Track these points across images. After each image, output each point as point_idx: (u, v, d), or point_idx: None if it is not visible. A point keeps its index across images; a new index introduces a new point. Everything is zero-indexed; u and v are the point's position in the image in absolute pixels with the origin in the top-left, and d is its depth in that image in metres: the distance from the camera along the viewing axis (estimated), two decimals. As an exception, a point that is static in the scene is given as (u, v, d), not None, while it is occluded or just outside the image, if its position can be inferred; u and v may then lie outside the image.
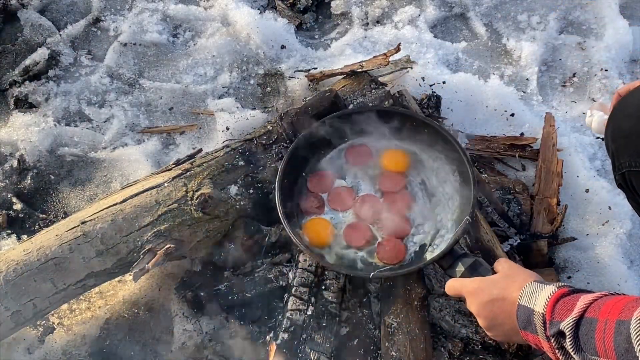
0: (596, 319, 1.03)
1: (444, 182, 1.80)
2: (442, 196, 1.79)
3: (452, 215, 1.74)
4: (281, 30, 2.44)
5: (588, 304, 1.06)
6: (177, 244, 1.70)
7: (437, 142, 1.81)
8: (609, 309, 1.03)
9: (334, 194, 1.81)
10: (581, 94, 2.35)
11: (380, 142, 1.87)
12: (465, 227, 1.62)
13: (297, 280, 1.70)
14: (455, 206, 1.76)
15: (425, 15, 2.52)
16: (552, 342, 1.10)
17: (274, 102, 2.28)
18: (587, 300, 1.07)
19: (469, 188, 1.69)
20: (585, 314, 1.05)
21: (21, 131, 2.19)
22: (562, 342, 1.08)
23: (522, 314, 1.17)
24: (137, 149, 2.16)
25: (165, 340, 1.78)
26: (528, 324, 1.15)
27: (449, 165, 1.80)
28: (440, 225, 1.75)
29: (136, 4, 2.53)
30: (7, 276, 1.62)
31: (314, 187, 1.82)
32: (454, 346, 1.71)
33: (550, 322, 1.10)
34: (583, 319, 1.05)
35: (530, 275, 1.27)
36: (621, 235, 1.94)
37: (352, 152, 1.87)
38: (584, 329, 1.04)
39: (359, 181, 1.84)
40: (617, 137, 1.41)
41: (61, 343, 1.78)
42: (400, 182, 1.82)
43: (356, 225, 1.76)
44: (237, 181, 1.81)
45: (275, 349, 1.60)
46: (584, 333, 1.04)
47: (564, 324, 1.06)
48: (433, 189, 1.81)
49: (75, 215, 1.76)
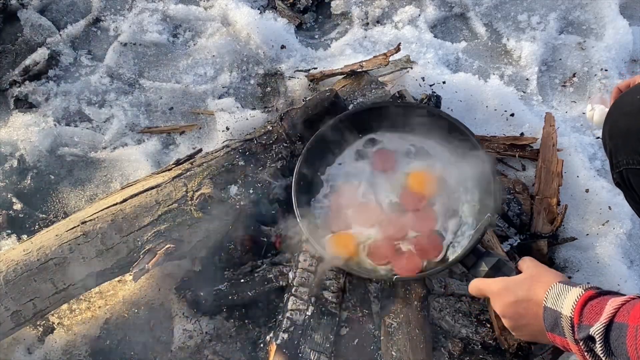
0: (626, 324, 1.02)
1: (464, 179, 1.79)
2: (462, 192, 1.78)
3: (473, 211, 1.73)
4: (281, 30, 2.44)
5: (617, 309, 1.04)
6: (177, 244, 1.70)
7: (454, 137, 1.81)
8: (638, 313, 1.01)
9: (358, 211, 1.77)
10: (581, 94, 2.35)
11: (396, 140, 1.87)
12: (487, 224, 1.60)
13: (297, 280, 1.70)
14: (475, 201, 1.74)
15: (425, 15, 2.52)
16: (581, 345, 1.09)
17: (274, 102, 2.28)
18: (616, 304, 1.05)
19: (490, 183, 1.68)
20: (615, 318, 1.04)
21: (21, 131, 2.19)
22: (592, 345, 1.07)
23: (549, 317, 1.15)
24: (137, 149, 2.16)
25: (165, 340, 1.78)
26: (555, 327, 1.14)
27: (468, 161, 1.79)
28: (462, 221, 1.74)
29: (136, 4, 2.53)
30: (7, 276, 1.62)
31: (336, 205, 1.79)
32: (454, 346, 1.71)
33: (578, 326, 1.09)
34: (613, 324, 1.03)
35: (555, 276, 1.24)
36: (621, 235, 1.94)
37: (377, 156, 1.86)
38: (614, 334, 1.03)
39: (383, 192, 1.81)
40: (614, 135, 1.41)
41: (61, 343, 1.78)
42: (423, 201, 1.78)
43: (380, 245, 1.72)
44: (237, 181, 1.81)
45: (275, 349, 1.60)
46: (614, 339, 1.03)
47: (594, 330, 1.05)
48: (453, 186, 1.80)
49: (75, 215, 1.76)
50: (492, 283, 1.33)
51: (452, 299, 1.76)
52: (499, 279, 1.34)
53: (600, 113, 1.62)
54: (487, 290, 1.33)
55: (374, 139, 1.90)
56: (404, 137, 1.88)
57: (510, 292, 1.26)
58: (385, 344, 1.63)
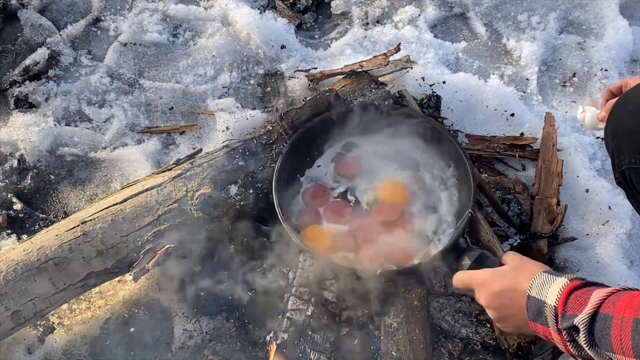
0: (611, 316, 1.02)
1: (441, 178, 1.81)
2: (440, 192, 1.80)
3: (452, 209, 1.75)
4: (281, 30, 2.44)
5: (602, 300, 1.05)
6: (177, 243, 1.70)
7: (431, 137, 1.83)
8: (624, 305, 1.02)
9: (330, 209, 1.82)
10: (581, 94, 2.35)
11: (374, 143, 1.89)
12: (467, 220, 1.61)
13: (297, 280, 1.70)
14: (454, 200, 1.76)
15: (425, 15, 2.52)
16: (564, 334, 1.09)
17: (274, 102, 2.28)
18: (601, 295, 1.06)
19: (468, 181, 1.70)
20: (600, 309, 1.04)
21: (21, 131, 2.19)
22: (575, 335, 1.07)
23: (533, 306, 1.15)
24: (137, 149, 2.16)
25: (165, 340, 1.78)
26: (538, 316, 1.14)
27: (445, 160, 1.82)
28: (442, 220, 1.75)
29: (136, 4, 2.53)
30: (7, 276, 1.62)
31: (309, 202, 1.84)
32: (454, 346, 1.71)
33: (562, 315, 1.09)
34: (598, 315, 1.04)
35: (539, 266, 1.25)
36: (621, 235, 1.94)
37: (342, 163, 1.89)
38: (598, 325, 1.04)
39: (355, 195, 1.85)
40: (617, 134, 1.41)
41: (61, 343, 1.78)
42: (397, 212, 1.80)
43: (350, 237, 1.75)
44: (237, 181, 1.81)
45: (275, 349, 1.60)
46: (598, 329, 1.03)
47: (578, 319, 1.05)
48: (431, 186, 1.82)
49: (75, 215, 1.76)
50: (476, 274, 1.33)
51: (452, 299, 1.76)
52: (483, 270, 1.33)
53: (591, 115, 1.62)
54: (471, 282, 1.33)
55: (351, 142, 1.92)
56: (382, 141, 1.90)
57: (495, 282, 1.26)
58: (385, 344, 1.63)
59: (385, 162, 1.90)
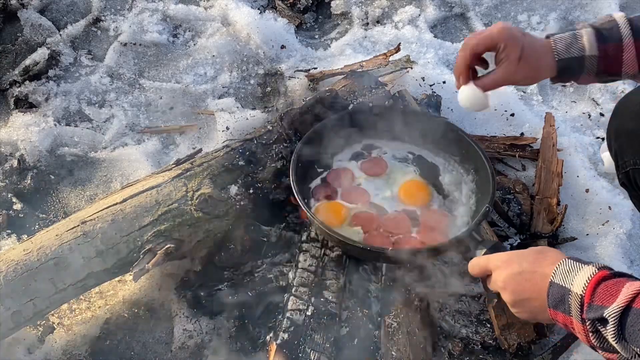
0: None
1: (459, 183, 1.80)
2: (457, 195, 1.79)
3: (469, 211, 1.74)
4: (281, 30, 2.44)
5: (635, 293, 1.00)
6: (177, 244, 1.70)
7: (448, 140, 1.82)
8: None
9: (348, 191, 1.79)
10: (581, 94, 2.35)
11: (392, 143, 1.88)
12: (485, 214, 1.60)
13: (297, 280, 1.70)
14: (471, 203, 1.75)
15: (425, 15, 2.52)
16: (587, 325, 1.05)
17: (274, 102, 2.28)
18: (634, 288, 1.01)
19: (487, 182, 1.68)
20: (633, 304, 1.00)
21: (21, 131, 2.19)
22: (599, 326, 1.03)
23: (555, 292, 1.10)
24: (137, 149, 2.16)
25: (165, 340, 1.78)
26: (560, 303, 1.09)
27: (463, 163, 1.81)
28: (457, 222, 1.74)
29: (136, 4, 2.53)
30: (7, 276, 1.62)
31: (332, 180, 1.81)
32: (454, 346, 1.71)
33: (589, 305, 1.05)
34: (631, 309, 1.00)
35: (561, 254, 1.18)
36: (621, 235, 1.94)
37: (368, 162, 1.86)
38: (631, 319, 0.99)
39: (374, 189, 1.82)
40: (620, 135, 1.40)
41: (61, 343, 1.78)
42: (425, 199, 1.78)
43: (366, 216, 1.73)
44: (237, 181, 1.81)
45: (275, 349, 1.60)
46: (630, 324, 0.99)
47: (609, 311, 1.01)
48: (448, 189, 1.80)
49: (75, 215, 1.76)
50: (495, 255, 1.26)
51: (452, 299, 1.76)
52: (502, 253, 1.27)
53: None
54: (489, 263, 1.26)
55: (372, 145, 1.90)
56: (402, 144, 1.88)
57: (515, 263, 1.19)
58: (385, 344, 1.63)
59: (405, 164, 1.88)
